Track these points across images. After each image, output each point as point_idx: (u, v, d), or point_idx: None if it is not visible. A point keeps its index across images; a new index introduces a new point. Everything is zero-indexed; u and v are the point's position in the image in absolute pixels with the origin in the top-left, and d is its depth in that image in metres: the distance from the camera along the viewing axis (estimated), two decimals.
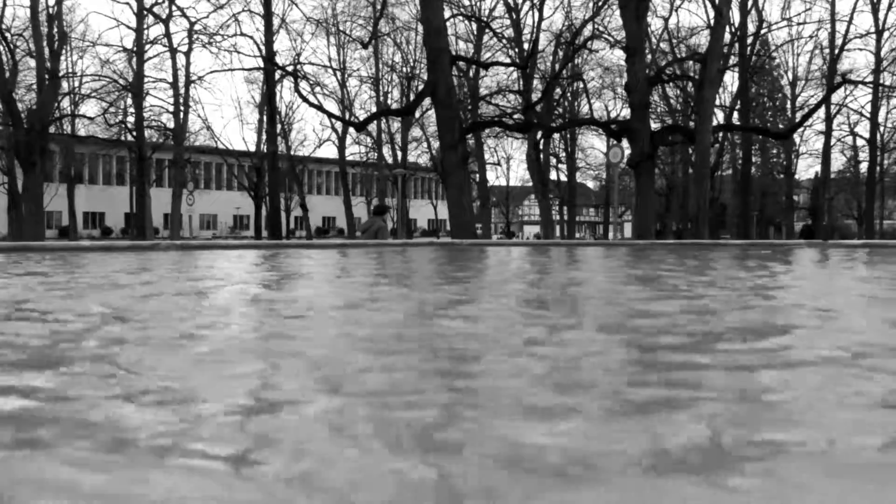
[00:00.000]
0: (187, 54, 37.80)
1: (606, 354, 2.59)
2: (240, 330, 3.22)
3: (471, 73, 37.11)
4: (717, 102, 34.60)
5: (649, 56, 31.03)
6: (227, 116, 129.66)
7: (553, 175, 46.65)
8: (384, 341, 2.85)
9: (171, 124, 38.85)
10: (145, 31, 36.33)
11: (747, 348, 2.72)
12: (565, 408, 1.80)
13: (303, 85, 33.33)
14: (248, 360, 2.46)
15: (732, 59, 34.66)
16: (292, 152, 45.03)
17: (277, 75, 33.81)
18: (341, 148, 46.91)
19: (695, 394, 1.96)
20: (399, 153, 45.62)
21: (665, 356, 2.51)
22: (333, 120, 39.92)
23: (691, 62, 32.57)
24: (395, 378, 2.18)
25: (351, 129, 43.15)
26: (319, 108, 31.26)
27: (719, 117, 37.12)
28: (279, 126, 38.65)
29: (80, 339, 2.91)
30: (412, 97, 33.38)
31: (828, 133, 41.18)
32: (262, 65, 34.12)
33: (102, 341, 2.86)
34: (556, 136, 41.34)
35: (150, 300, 4.32)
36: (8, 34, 30.66)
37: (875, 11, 37.28)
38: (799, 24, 38.58)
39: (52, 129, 33.84)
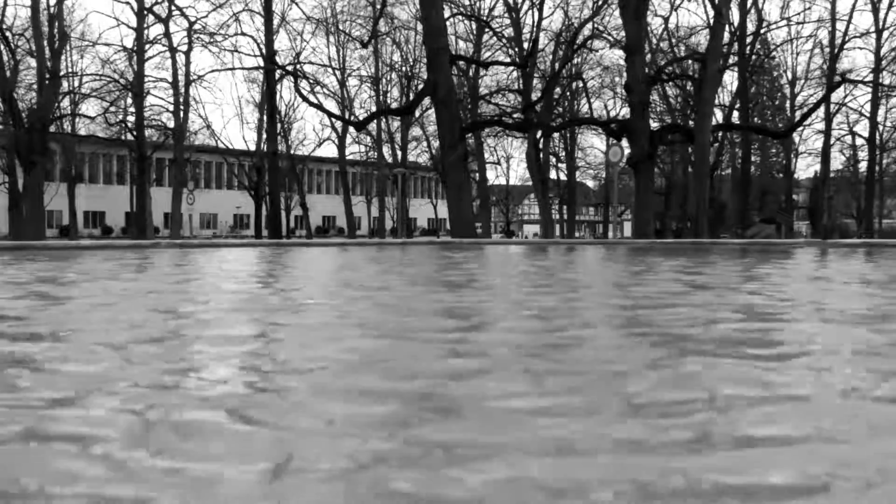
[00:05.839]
0: (187, 54, 37.78)
1: None
2: None
3: (470, 73, 37.13)
4: (717, 102, 34.60)
5: (649, 55, 31.05)
6: (227, 115, 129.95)
7: (553, 174, 46.65)
8: None
9: (171, 124, 38.84)
10: (145, 31, 36.32)
11: None
12: None
13: (303, 84, 33.37)
14: None
15: (732, 59, 34.64)
16: (292, 151, 44.99)
17: (277, 75, 33.82)
18: (341, 147, 46.90)
19: None
20: (399, 152, 45.65)
21: None
22: (333, 119, 39.93)
23: (691, 61, 32.58)
24: None
25: (351, 129, 43.17)
26: (319, 107, 31.34)
27: (719, 116, 37.12)
28: (279, 125, 38.63)
29: None
30: (412, 96, 33.45)
31: (827, 132, 41.12)
32: (262, 64, 34.14)
33: None
34: (556, 135, 41.29)
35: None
36: (9, 34, 30.65)
37: (875, 10, 37.20)
38: (798, 23, 38.45)
39: (52, 129, 33.81)
